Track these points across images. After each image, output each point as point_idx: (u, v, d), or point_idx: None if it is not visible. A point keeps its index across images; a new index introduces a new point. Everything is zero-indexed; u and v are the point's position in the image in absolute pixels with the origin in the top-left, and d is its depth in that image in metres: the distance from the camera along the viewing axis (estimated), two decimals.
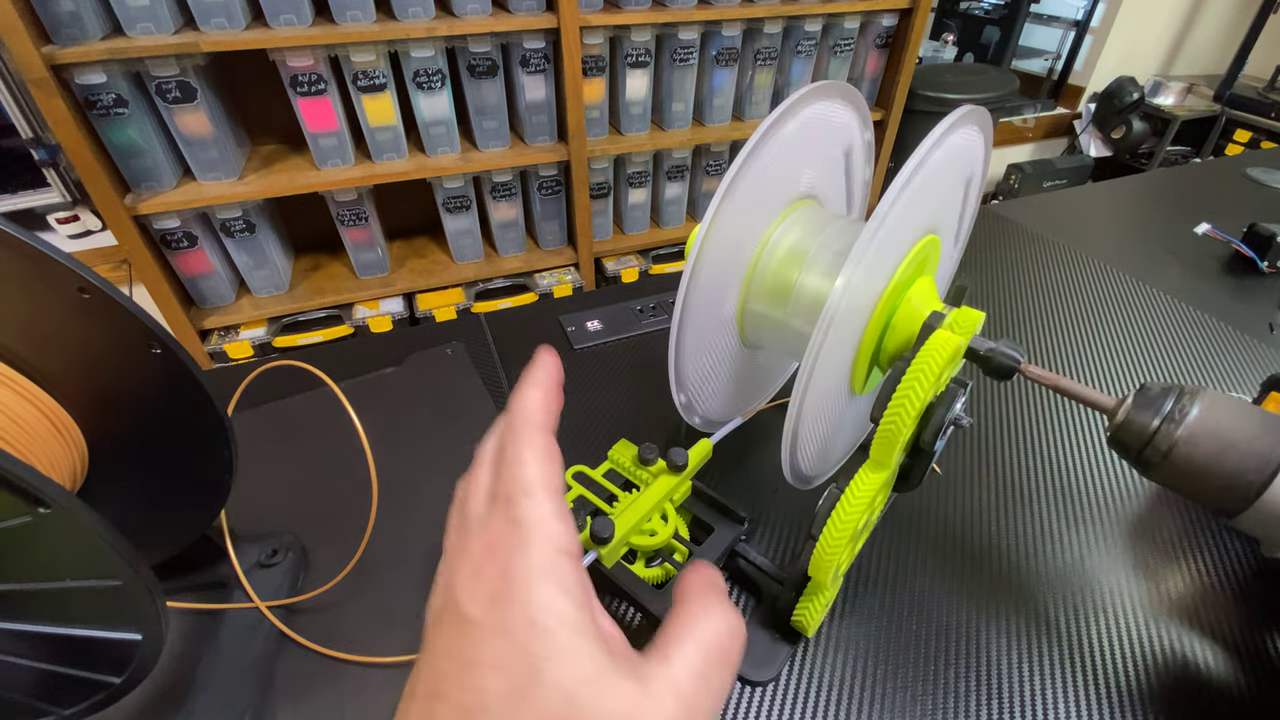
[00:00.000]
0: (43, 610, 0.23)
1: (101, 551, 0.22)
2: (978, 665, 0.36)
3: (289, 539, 0.40)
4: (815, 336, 0.27)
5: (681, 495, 0.38)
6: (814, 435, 0.33)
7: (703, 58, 1.55)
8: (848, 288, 0.26)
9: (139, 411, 0.28)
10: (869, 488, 0.29)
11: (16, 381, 0.25)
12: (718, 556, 0.36)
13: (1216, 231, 0.78)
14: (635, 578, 0.34)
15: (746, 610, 0.39)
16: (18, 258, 0.23)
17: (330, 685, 0.34)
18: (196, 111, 1.21)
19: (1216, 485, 0.26)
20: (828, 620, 0.38)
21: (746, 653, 0.36)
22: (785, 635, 0.36)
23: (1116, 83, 2.46)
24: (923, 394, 0.28)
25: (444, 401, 0.52)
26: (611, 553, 0.33)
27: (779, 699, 0.35)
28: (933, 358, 0.28)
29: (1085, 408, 0.54)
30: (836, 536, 0.29)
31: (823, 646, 0.37)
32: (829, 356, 0.29)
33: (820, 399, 0.31)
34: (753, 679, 0.35)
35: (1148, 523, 0.45)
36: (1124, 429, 0.28)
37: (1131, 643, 0.37)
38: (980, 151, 0.34)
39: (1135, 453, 0.28)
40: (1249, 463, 0.25)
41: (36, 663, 0.25)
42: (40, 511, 0.20)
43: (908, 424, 0.28)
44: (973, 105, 0.30)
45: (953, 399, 0.29)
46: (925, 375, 0.27)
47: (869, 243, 0.26)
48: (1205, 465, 0.26)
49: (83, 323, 0.25)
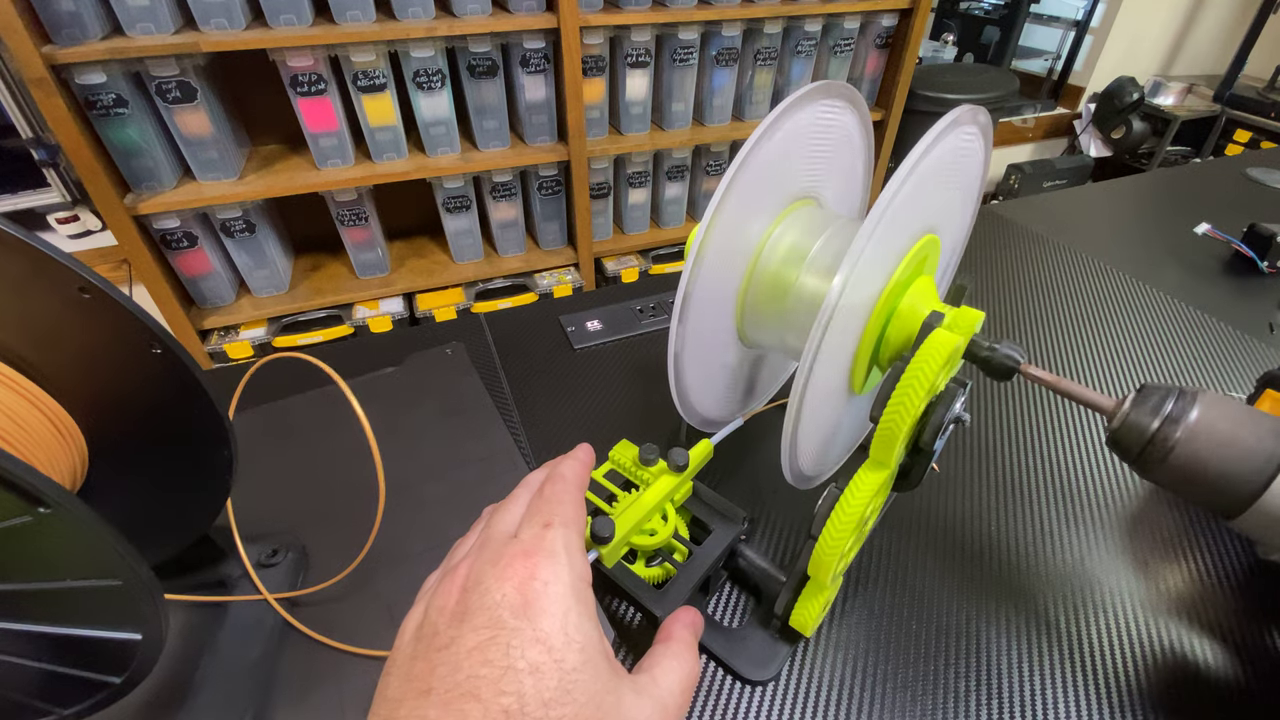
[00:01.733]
0: (43, 610, 0.23)
1: (101, 551, 0.22)
2: (978, 665, 0.36)
3: (289, 539, 0.40)
4: (814, 333, 0.27)
5: (682, 495, 0.38)
6: (813, 434, 0.33)
7: (703, 58, 1.55)
8: (845, 285, 0.26)
9: (139, 411, 0.28)
10: (869, 487, 0.29)
11: (17, 381, 0.25)
12: (717, 556, 0.36)
13: (1216, 231, 0.78)
14: (635, 577, 0.34)
15: (746, 610, 0.39)
16: (18, 258, 0.23)
17: (331, 684, 0.34)
18: (196, 111, 1.21)
19: (1215, 487, 0.26)
20: (827, 620, 0.38)
21: (746, 652, 0.36)
22: (784, 635, 0.36)
23: (1116, 83, 2.46)
24: (921, 393, 0.28)
25: (444, 401, 0.52)
26: (612, 552, 0.33)
27: (778, 699, 0.35)
28: (931, 357, 0.28)
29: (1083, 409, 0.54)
30: (836, 536, 0.29)
31: (822, 646, 0.37)
32: (828, 355, 0.29)
33: (820, 398, 0.31)
34: (752, 678, 0.35)
35: (1146, 522, 0.45)
36: (1123, 430, 0.28)
37: (1131, 642, 0.37)
38: (980, 151, 0.34)
39: (1134, 454, 0.28)
40: (1248, 464, 0.25)
41: (37, 663, 0.25)
42: (40, 511, 0.20)
43: (906, 423, 0.28)
44: (971, 105, 0.30)
45: (952, 398, 0.29)
46: (924, 375, 0.27)
47: (866, 240, 0.26)
48: (1204, 467, 0.26)
49: (83, 323, 0.25)
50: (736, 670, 0.35)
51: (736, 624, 0.38)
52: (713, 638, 0.37)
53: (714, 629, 0.37)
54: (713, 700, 0.35)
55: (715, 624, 0.38)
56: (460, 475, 0.45)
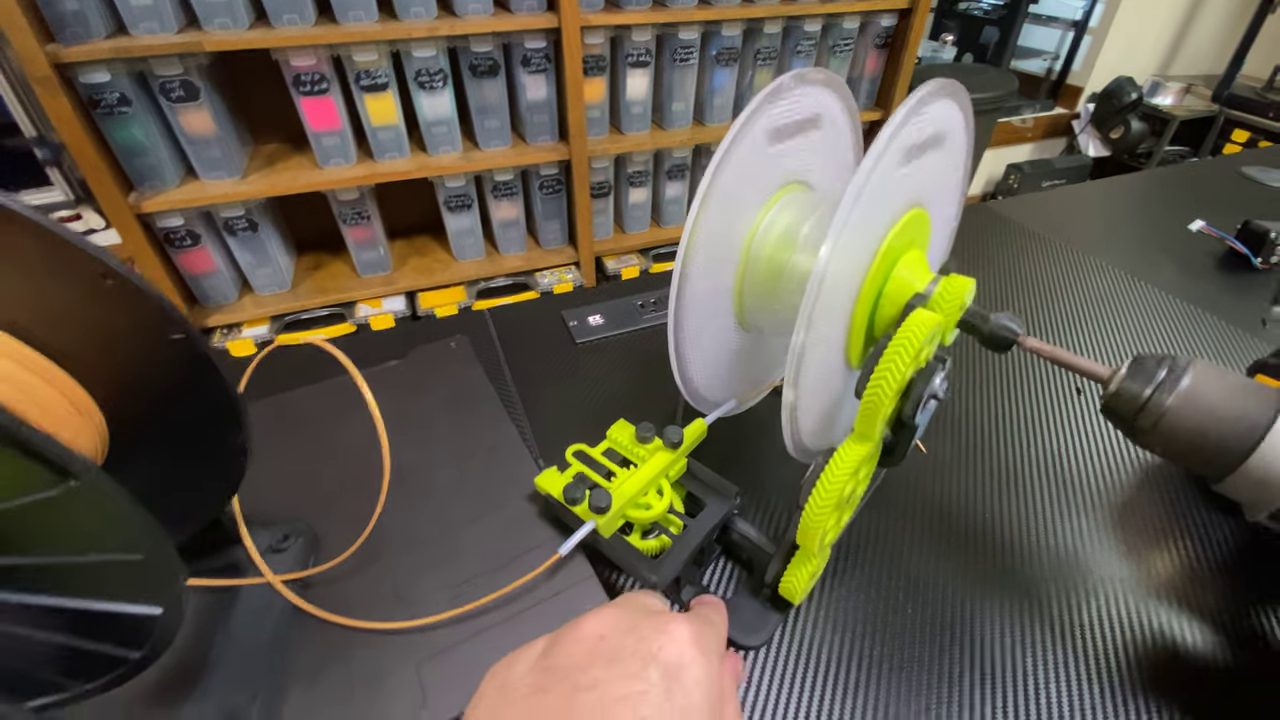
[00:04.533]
0: (66, 584, 0.24)
1: (126, 525, 0.22)
2: (965, 638, 0.37)
3: (299, 524, 0.40)
4: (806, 299, 0.28)
5: (677, 472, 0.40)
6: (813, 407, 0.34)
7: (703, 57, 1.56)
8: (833, 252, 0.27)
9: (157, 395, 0.29)
10: (852, 459, 0.31)
11: (40, 365, 0.26)
12: (710, 529, 0.37)
13: (1210, 228, 0.79)
14: (632, 548, 0.36)
15: (738, 582, 0.41)
16: (43, 245, 0.24)
17: (340, 664, 0.34)
18: (200, 110, 1.22)
19: (1205, 451, 0.27)
20: (818, 594, 0.40)
21: (738, 619, 0.38)
22: (775, 604, 0.38)
23: (1115, 83, 2.47)
24: (902, 369, 0.29)
25: (449, 392, 0.53)
26: (609, 523, 0.34)
27: (770, 664, 0.36)
28: (911, 335, 0.29)
29: (1075, 395, 0.55)
30: (821, 504, 0.31)
31: (813, 617, 0.39)
32: (823, 326, 0.30)
33: (818, 372, 0.32)
34: (744, 644, 0.37)
35: (1137, 506, 0.45)
36: (1117, 398, 0.29)
37: (1123, 623, 0.38)
38: (960, 124, 0.35)
39: (1128, 421, 0.29)
40: (1236, 428, 0.26)
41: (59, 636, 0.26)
42: (69, 484, 0.21)
43: (888, 398, 0.29)
44: (943, 79, 0.31)
45: (932, 374, 0.30)
46: (905, 351, 0.29)
47: (850, 208, 0.27)
48: (1194, 432, 0.27)
49: (105, 308, 0.25)
50: (731, 637, 0.37)
51: (729, 594, 0.40)
52: None
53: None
54: None
55: (709, 594, 0.39)
56: (466, 463, 0.46)
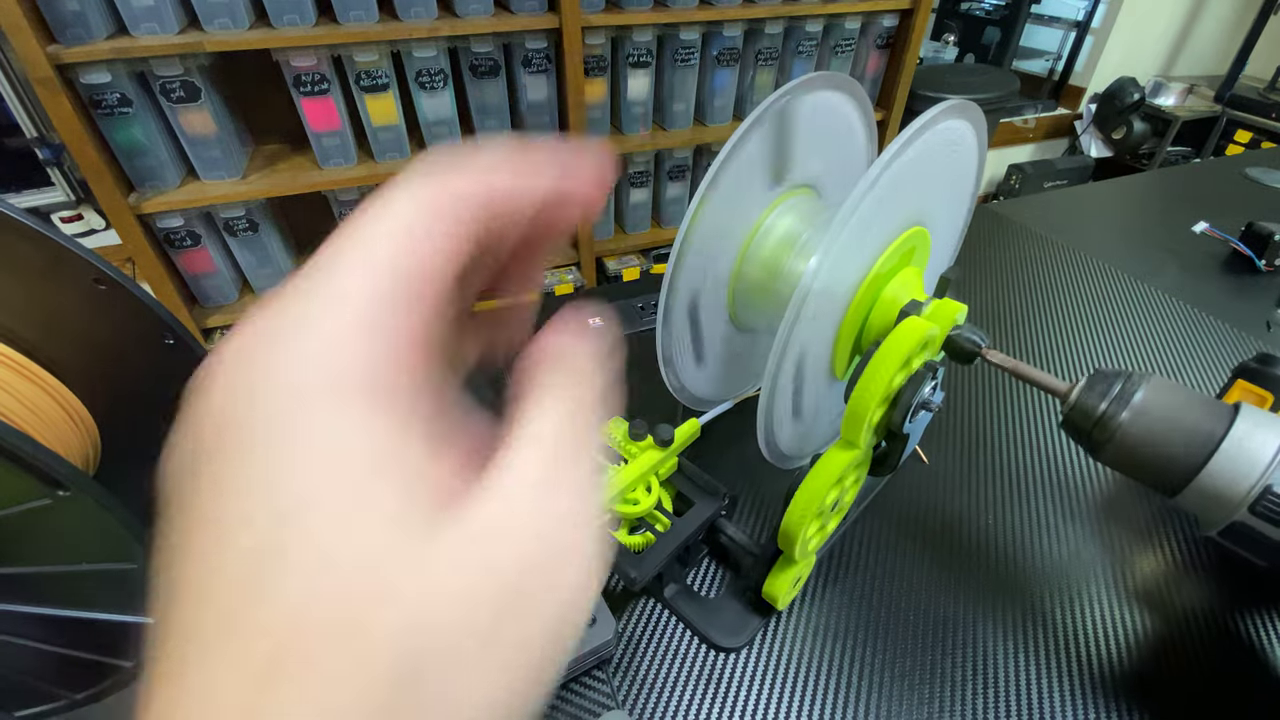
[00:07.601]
0: (58, 594, 0.24)
1: (117, 535, 0.22)
2: (961, 645, 0.37)
3: None
4: (789, 311, 0.27)
5: (667, 470, 0.40)
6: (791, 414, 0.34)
7: (704, 58, 1.56)
8: (819, 269, 0.27)
9: (151, 401, 0.28)
10: (836, 465, 0.31)
11: (33, 370, 0.25)
12: (696, 528, 0.37)
13: (1214, 230, 0.78)
14: (615, 543, 0.36)
15: (723, 583, 0.40)
16: (36, 249, 0.23)
17: None
18: (200, 111, 1.22)
19: (1157, 466, 0.27)
20: (806, 600, 0.39)
21: (720, 621, 0.37)
22: (757, 608, 0.38)
23: (1117, 83, 2.47)
24: (888, 375, 0.28)
25: None
26: None
27: (748, 667, 0.36)
28: (900, 341, 0.28)
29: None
30: (802, 509, 0.31)
31: (800, 622, 0.38)
32: (806, 336, 0.30)
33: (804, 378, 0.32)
34: (724, 645, 0.37)
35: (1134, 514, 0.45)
36: (1074, 412, 0.29)
37: (1119, 631, 0.38)
38: (972, 145, 0.35)
39: (1085, 435, 0.28)
40: (1187, 445, 0.26)
41: (51, 646, 0.25)
42: (59, 494, 0.20)
43: (874, 403, 0.29)
44: (961, 100, 0.31)
45: (921, 381, 0.30)
46: (892, 357, 0.28)
47: (841, 229, 0.27)
48: (1147, 446, 0.27)
49: (98, 313, 0.25)
50: (709, 638, 0.37)
51: (715, 595, 0.40)
52: (689, 605, 0.38)
53: (690, 598, 0.39)
54: (684, 666, 0.36)
55: (692, 593, 0.39)
56: None
